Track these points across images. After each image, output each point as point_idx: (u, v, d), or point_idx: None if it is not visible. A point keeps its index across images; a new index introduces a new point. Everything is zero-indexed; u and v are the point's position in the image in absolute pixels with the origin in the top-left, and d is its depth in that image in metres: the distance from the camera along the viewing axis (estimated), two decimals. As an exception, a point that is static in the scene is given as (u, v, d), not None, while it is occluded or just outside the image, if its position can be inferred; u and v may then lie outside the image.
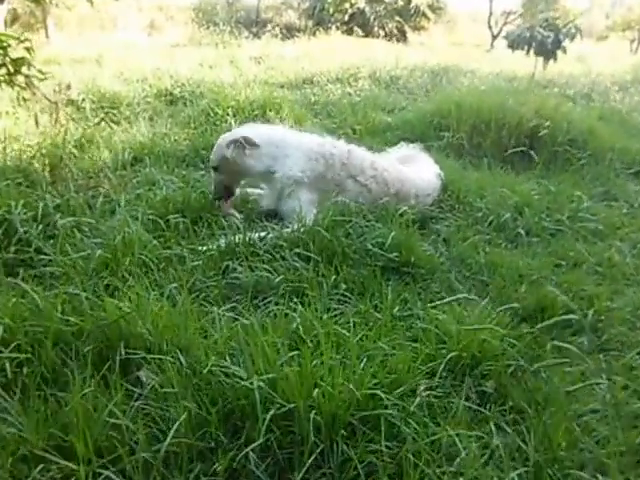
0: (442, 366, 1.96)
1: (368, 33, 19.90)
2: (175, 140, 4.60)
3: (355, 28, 19.80)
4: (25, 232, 2.60)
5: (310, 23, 20.30)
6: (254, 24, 18.92)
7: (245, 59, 10.35)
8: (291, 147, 3.27)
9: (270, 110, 4.89)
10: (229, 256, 2.70)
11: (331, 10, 19.52)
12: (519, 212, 3.53)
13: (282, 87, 7.99)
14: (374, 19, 20.25)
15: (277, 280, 2.44)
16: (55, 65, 8.98)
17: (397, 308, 2.41)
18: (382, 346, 1.98)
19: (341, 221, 2.94)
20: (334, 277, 2.53)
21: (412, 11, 21.20)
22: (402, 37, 21.05)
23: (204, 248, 2.79)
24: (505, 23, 21.92)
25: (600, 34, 27.79)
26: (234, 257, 2.68)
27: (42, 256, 2.50)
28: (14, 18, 15.67)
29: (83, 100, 5.57)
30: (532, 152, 4.66)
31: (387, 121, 5.98)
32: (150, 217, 2.97)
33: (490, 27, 21.38)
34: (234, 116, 4.85)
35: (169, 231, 2.88)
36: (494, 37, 21.16)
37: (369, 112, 6.21)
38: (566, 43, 11.58)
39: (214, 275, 2.52)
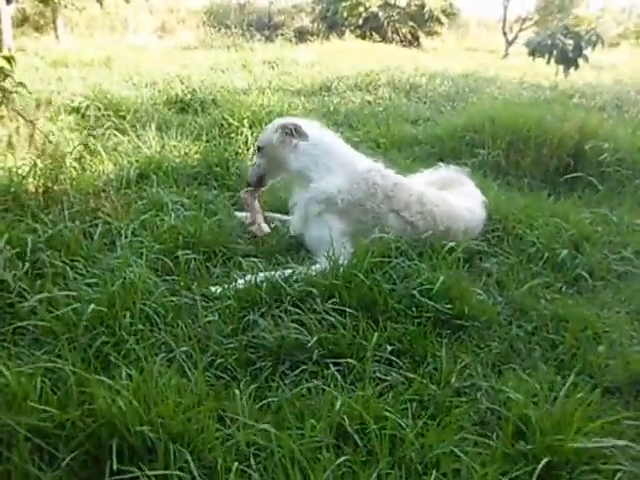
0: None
1: (382, 38, 19.51)
2: (185, 154, 4.18)
3: (369, 32, 19.42)
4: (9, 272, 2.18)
5: (323, 27, 19.94)
6: (266, 27, 18.54)
7: (258, 63, 9.95)
8: (336, 159, 2.91)
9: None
10: (249, 304, 2.27)
11: (345, 14, 19.09)
12: (576, 247, 3.09)
13: (298, 94, 7.59)
14: (387, 24, 19.85)
15: (309, 342, 2.00)
16: (63, 67, 8.64)
17: (454, 376, 1.98)
18: (449, 448, 1.54)
19: (380, 262, 2.51)
20: (376, 335, 2.09)
21: (426, 16, 20.76)
22: (415, 42, 20.69)
23: (218, 290, 2.37)
24: (520, 29, 21.50)
25: (611, 41, 27.32)
26: (255, 306, 2.25)
27: (26, 303, 2.08)
28: (23, 18, 15.38)
29: (87, 107, 5.15)
30: (580, 173, 4.20)
31: (413, 133, 5.55)
32: (155, 252, 2.55)
33: (505, 33, 20.91)
34: (250, 127, 4.42)
35: (177, 270, 2.45)
36: (509, 43, 20.70)
37: (392, 123, 5.79)
38: (587, 51, 11.33)
39: (232, 331, 2.09)
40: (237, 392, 1.69)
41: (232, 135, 4.44)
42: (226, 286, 2.39)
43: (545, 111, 4.97)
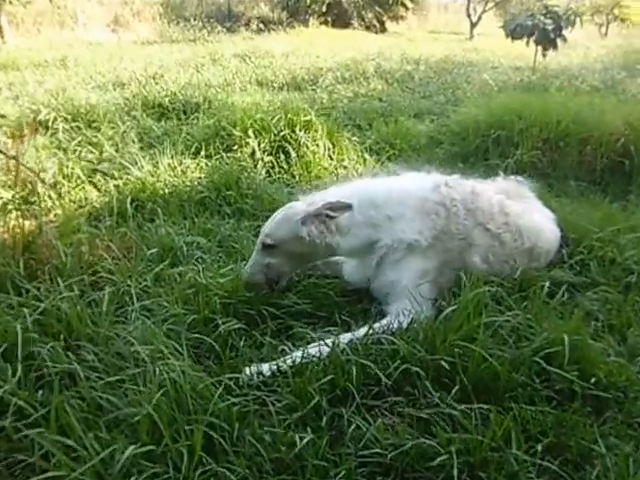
0: None
1: (347, 24, 18.89)
2: (183, 173, 3.52)
3: (332, 19, 18.77)
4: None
5: (284, 15, 19.18)
6: (227, 18, 17.65)
7: (229, 57, 9.22)
8: (397, 203, 2.26)
9: (301, 129, 3.84)
10: (327, 393, 1.68)
11: (308, 1, 18.36)
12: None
13: (282, 89, 6.95)
14: (352, 9, 19.24)
15: (438, 451, 1.43)
16: (14, 71, 7.73)
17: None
18: None
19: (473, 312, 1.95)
20: (518, 429, 1.54)
21: (390, 0, 20.25)
22: (381, 27, 20.18)
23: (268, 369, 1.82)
24: (484, 11, 21.21)
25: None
26: (335, 395, 1.67)
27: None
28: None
29: (55, 120, 4.40)
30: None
31: (425, 131, 5.01)
32: (187, 323, 1.93)
33: (469, 15, 20.60)
34: (256, 137, 3.77)
35: (221, 350, 1.84)
36: (473, 25, 20.43)
37: (401, 120, 5.23)
38: (566, 31, 11.19)
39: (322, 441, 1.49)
40: None
41: (235, 147, 3.79)
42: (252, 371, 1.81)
43: (580, 103, 4.47)
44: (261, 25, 16.04)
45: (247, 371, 1.80)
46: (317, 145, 3.88)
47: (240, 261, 2.54)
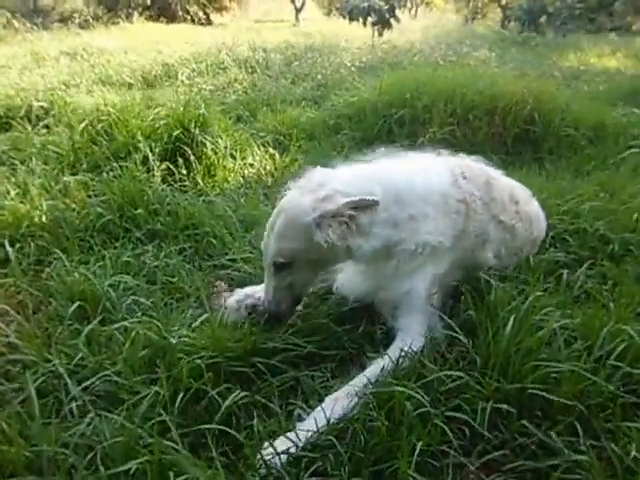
0: None
1: (172, 18, 17.87)
2: (63, 194, 2.73)
3: (156, 14, 17.61)
4: None
5: (100, 10, 17.57)
6: (34, 14, 15.67)
7: (56, 56, 7.99)
8: (421, 200, 1.82)
9: (195, 126, 3.21)
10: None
11: (129, -5, 17.00)
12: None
13: (132, 87, 6.10)
14: (176, 3, 18.26)
15: None
16: None
17: None
18: None
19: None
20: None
21: (213, -8, 19.61)
22: (207, 20, 19.50)
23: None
24: (307, -4, 21.56)
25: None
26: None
27: None
28: None
29: None
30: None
31: (315, 119, 4.62)
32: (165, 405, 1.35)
33: (293, 1, 20.83)
34: (145, 140, 3.06)
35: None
36: (298, 11, 20.73)
37: (282, 109, 4.80)
38: (398, 12, 11.97)
39: None
40: None
41: (122, 155, 3.06)
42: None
43: (468, 75, 4.40)
44: (80, 21, 14.47)
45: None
46: (216, 143, 3.30)
47: (186, 298, 1.97)
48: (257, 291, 1.93)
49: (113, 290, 1.89)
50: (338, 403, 1.47)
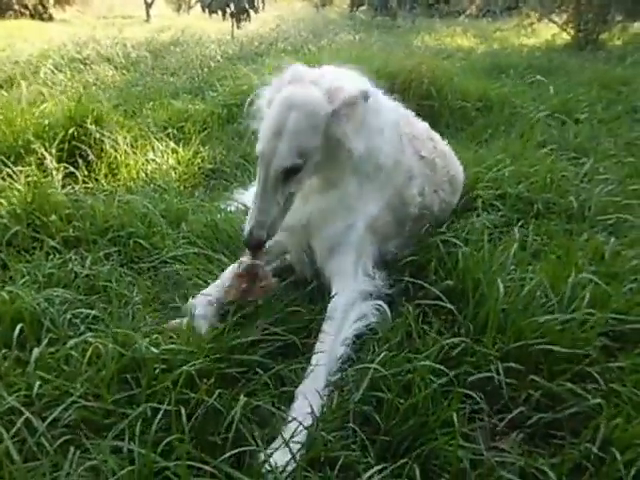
0: None
1: (4, 12, 16.20)
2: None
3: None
4: None
5: None
6: None
7: None
8: (386, 112, 1.90)
9: (91, 122, 2.87)
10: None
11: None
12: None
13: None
14: (9, -4, 16.60)
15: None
16: None
17: None
18: None
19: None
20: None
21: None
22: (47, 15, 17.98)
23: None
24: (157, -8, 20.74)
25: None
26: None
27: None
28: None
29: None
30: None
31: (208, 109, 4.40)
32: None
33: (144, -3, 19.89)
34: (37, 140, 2.69)
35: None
36: (148, 7, 19.91)
37: (166, 102, 4.53)
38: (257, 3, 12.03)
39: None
40: None
41: (13, 159, 2.65)
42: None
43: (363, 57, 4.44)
44: None
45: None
46: (115, 140, 3.02)
47: (135, 305, 1.77)
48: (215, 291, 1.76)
49: (49, 306, 1.64)
50: (310, 394, 1.34)
